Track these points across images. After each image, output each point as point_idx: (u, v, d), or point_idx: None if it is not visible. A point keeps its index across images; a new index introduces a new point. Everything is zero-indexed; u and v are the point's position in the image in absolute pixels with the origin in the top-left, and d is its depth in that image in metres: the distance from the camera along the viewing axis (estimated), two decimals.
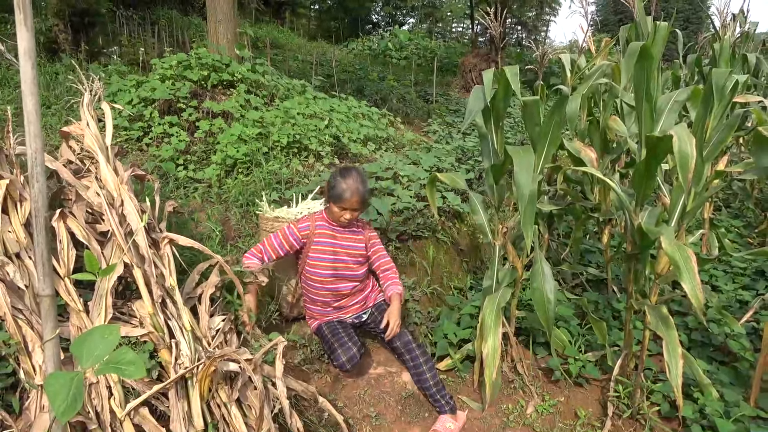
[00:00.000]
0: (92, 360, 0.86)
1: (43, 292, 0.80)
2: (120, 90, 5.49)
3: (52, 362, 0.84)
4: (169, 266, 2.23)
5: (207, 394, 1.99)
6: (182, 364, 2.01)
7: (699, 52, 6.03)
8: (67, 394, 0.81)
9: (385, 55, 16.26)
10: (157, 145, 4.86)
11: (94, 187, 2.19)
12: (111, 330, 0.91)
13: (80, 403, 0.81)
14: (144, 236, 2.13)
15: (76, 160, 2.47)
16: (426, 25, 24.71)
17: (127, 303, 2.14)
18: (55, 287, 1.98)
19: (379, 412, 2.65)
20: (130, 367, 0.85)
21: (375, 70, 12.67)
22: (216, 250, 2.79)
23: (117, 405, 1.83)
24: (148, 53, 7.30)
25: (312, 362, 2.89)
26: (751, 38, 6.13)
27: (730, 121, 2.52)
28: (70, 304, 1.95)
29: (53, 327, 0.82)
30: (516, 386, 2.83)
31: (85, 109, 2.48)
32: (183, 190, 4.23)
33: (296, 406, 2.37)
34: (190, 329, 2.09)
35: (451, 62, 15.66)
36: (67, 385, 0.81)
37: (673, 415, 2.54)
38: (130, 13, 12.13)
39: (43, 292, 0.80)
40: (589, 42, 3.96)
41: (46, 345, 0.83)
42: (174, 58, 5.81)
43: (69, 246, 2.00)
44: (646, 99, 2.35)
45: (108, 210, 2.11)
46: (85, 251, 1.30)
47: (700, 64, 5.27)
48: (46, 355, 0.84)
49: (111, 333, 0.90)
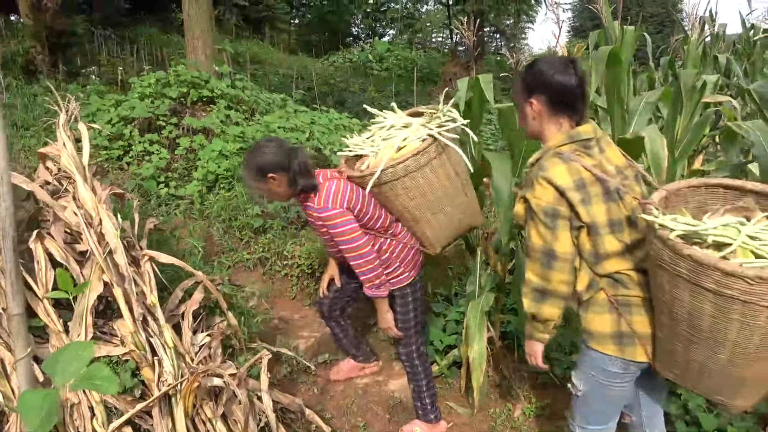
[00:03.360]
0: (66, 376, 0.86)
1: (13, 311, 0.81)
2: (99, 110, 5.48)
3: (25, 381, 0.84)
4: (149, 284, 2.22)
5: (191, 411, 1.98)
6: (165, 381, 2.00)
7: (672, 54, 6.17)
8: (40, 412, 0.81)
9: (366, 66, 16.37)
10: (138, 164, 4.85)
11: (72, 206, 2.19)
12: (85, 347, 0.91)
13: (54, 420, 0.82)
14: (123, 254, 2.13)
15: (54, 181, 2.46)
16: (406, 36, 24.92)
17: (108, 322, 2.12)
18: (33, 308, 1.97)
19: (367, 422, 2.65)
20: (104, 383, 0.86)
21: (356, 82, 12.74)
22: (198, 267, 2.79)
23: (100, 425, 1.82)
24: (127, 72, 7.28)
25: (299, 374, 2.88)
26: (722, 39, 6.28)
27: (700, 120, 2.58)
28: (49, 325, 1.94)
29: (24, 345, 0.82)
30: (503, 390, 2.84)
31: (61, 129, 2.47)
32: (165, 208, 4.22)
33: (283, 419, 2.36)
34: (172, 346, 2.08)
35: (431, 72, 15.81)
36: (40, 403, 0.81)
37: None
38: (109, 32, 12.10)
39: (13, 311, 0.81)
40: (563, 48, 4.03)
41: (18, 364, 0.83)
42: (153, 76, 5.81)
43: (47, 267, 1.99)
44: (617, 102, 2.41)
45: (86, 229, 2.10)
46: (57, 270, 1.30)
47: (673, 66, 5.38)
48: (18, 373, 0.84)
49: (85, 350, 0.90)
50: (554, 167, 1.61)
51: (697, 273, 1.34)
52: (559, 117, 1.68)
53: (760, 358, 1.39)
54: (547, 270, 1.64)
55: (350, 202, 2.20)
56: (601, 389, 1.72)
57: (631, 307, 1.63)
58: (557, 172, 1.60)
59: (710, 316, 1.38)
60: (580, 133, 1.65)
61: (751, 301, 1.29)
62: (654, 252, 1.46)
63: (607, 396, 1.74)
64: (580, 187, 1.59)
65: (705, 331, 1.42)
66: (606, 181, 1.60)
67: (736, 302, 1.32)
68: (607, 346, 1.65)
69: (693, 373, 1.55)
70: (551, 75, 1.64)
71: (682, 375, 1.59)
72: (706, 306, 1.36)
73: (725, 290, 1.31)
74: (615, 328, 1.65)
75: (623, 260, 1.63)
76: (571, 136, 1.65)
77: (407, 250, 2.41)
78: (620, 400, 1.78)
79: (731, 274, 1.28)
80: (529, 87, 1.70)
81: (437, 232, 2.40)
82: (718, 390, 1.54)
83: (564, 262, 1.63)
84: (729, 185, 1.62)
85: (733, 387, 1.50)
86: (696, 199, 1.61)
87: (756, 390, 1.52)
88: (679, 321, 1.48)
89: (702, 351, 1.47)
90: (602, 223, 1.61)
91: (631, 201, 1.62)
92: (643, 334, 1.62)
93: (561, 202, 1.60)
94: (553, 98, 1.66)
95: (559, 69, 1.64)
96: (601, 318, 1.66)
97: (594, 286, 1.67)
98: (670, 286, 1.45)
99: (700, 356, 1.48)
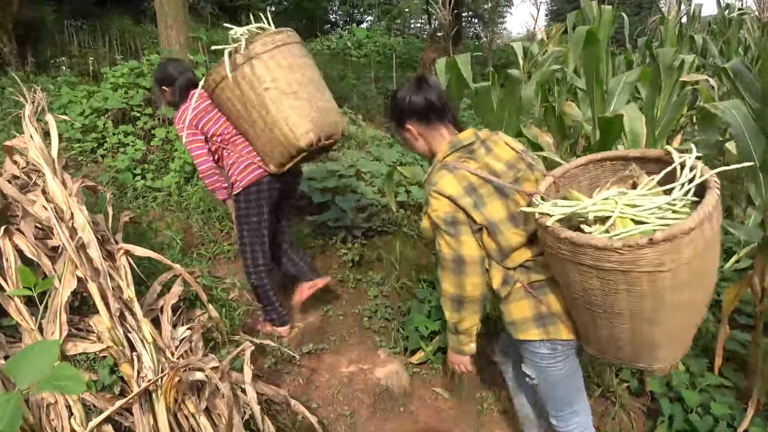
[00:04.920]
0: (30, 378, 0.82)
1: None
2: (71, 101, 5.32)
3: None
4: (126, 278, 2.17)
5: (173, 406, 1.94)
6: (145, 377, 1.96)
7: (649, 35, 6.18)
8: (3, 415, 0.77)
9: (345, 53, 16.19)
10: (112, 156, 4.74)
11: (41, 200, 2.11)
12: (50, 346, 0.87)
13: (18, 423, 0.77)
14: (97, 248, 2.07)
15: (22, 175, 2.38)
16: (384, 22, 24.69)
17: (84, 318, 2.06)
18: (4, 307, 1.90)
19: (354, 410, 2.64)
20: (69, 383, 0.82)
21: (335, 69, 12.61)
22: (177, 259, 2.73)
23: (78, 424, 1.77)
24: (99, 63, 7.09)
25: (283, 365, 2.85)
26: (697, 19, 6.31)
27: (679, 99, 2.58)
28: (21, 324, 1.88)
29: None
30: (490, 374, 2.84)
31: (27, 121, 2.38)
32: (142, 200, 4.13)
33: (268, 410, 2.33)
34: (151, 341, 2.04)
35: (410, 58, 15.68)
36: (3, 406, 0.77)
37: (641, 391, 2.59)
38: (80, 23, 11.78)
39: None
40: (541, 30, 4.01)
41: None
42: (125, 66, 5.66)
43: (16, 263, 1.92)
44: (596, 82, 2.39)
45: (57, 224, 2.03)
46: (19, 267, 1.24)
47: (650, 47, 5.36)
48: None
49: (50, 349, 0.86)
50: (442, 179, 1.71)
51: (576, 253, 1.40)
52: (437, 128, 1.82)
53: (658, 320, 1.44)
54: (459, 276, 1.72)
55: (195, 120, 2.77)
56: (545, 373, 1.80)
57: (546, 289, 1.72)
58: (445, 183, 1.70)
59: (600, 290, 1.44)
60: (461, 140, 1.77)
61: (628, 269, 1.34)
62: (541, 239, 1.54)
63: (554, 379, 1.81)
64: (470, 192, 1.70)
65: (601, 306, 1.48)
66: (492, 181, 1.71)
67: (616, 273, 1.37)
68: (531, 331, 1.74)
69: (608, 345, 1.61)
70: (409, 99, 1.79)
71: (601, 348, 1.65)
72: (594, 282, 1.43)
73: (604, 264, 1.36)
74: (535, 311, 1.73)
75: (529, 249, 1.72)
76: (454, 145, 1.77)
77: (244, 161, 2.80)
78: (569, 381, 1.84)
79: (603, 248, 1.34)
80: (398, 118, 1.85)
81: (265, 147, 2.70)
82: (636, 357, 1.59)
83: (473, 265, 1.71)
84: (613, 157, 1.68)
85: (648, 352, 1.55)
86: (587, 176, 1.65)
87: (671, 350, 1.57)
88: (578, 299, 1.54)
89: (606, 324, 1.52)
90: (501, 220, 1.70)
91: (523, 195, 1.70)
92: (559, 311, 1.71)
93: (457, 210, 1.69)
94: (421, 116, 1.80)
95: (413, 91, 1.80)
96: (520, 305, 1.75)
97: (509, 282, 1.75)
98: (561, 269, 1.52)
99: (606, 329, 1.54)
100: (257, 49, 2.54)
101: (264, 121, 2.61)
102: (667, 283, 1.35)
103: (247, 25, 2.69)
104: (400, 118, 1.85)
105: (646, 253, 1.30)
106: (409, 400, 2.73)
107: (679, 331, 1.52)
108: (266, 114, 2.58)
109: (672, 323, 1.46)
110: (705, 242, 1.35)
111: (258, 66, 2.53)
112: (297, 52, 2.68)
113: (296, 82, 2.60)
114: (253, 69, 2.53)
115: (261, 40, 2.56)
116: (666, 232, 1.28)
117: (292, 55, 2.63)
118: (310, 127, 2.59)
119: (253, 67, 2.53)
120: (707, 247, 1.37)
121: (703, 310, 1.59)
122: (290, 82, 2.57)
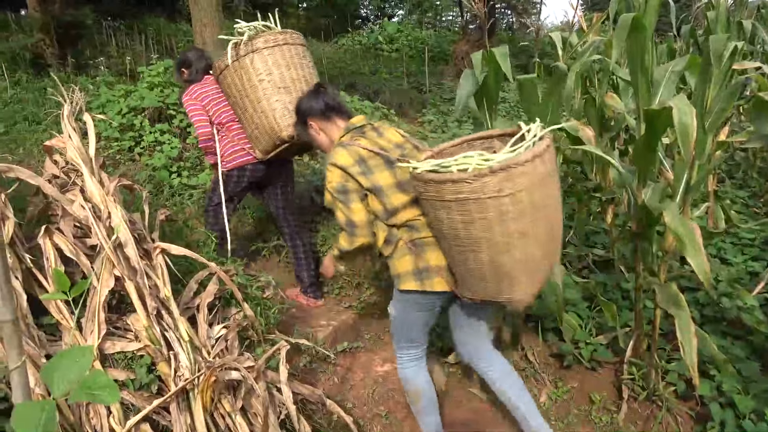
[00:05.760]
0: (64, 386, 0.80)
1: (2, 317, 0.74)
2: (109, 101, 5.43)
3: (20, 391, 0.78)
4: (162, 276, 2.17)
5: (210, 405, 1.94)
6: (182, 376, 1.96)
7: (693, 22, 5.93)
8: (37, 425, 0.75)
9: (376, 48, 16.14)
10: (149, 154, 4.81)
11: (79, 200, 2.13)
12: (83, 351, 0.85)
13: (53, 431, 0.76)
14: (134, 247, 2.07)
15: (62, 174, 2.41)
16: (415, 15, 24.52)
17: (122, 317, 2.08)
18: (45, 306, 1.93)
19: (389, 410, 2.60)
20: (103, 392, 0.80)
21: (366, 64, 12.58)
22: (212, 257, 2.73)
23: (117, 423, 1.78)
24: (136, 62, 7.23)
25: (318, 364, 2.83)
26: (745, 5, 6.03)
27: (730, 89, 2.43)
28: (62, 323, 1.90)
29: (18, 354, 0.76)
30: (528, 374, 2.77)
31: (66, 121, 2.41)
32: (178, 198, 4.17)
33: (304, 410, 2.32)
34: (188, 339, 2.04)
35: (442, 51, 15.54)
36: (37, 415, 0.76)
37: (690, 395, 2.48)
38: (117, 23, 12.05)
39: (2, 318, 0.74)
40: (581, 19, 3.88)
41: (12, 374, 0.77)
42: (161, 65, 5.75)
43: (57, 262, 1.94)
44: (642, 72, 2.28)
45: (95, 223, 2.05)
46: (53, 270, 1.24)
47: (695, 35, 5.16)
48: (13, 384, 0.78)
49: (83, 355, 0.84)
50: (337, 154, 2.08)
51: (439, 191, 1.73)
52: (333, 120, 2.25)
53: (511, 246, 1.73)
54: (352, 237, 2.08)
55: (201, 97, 3.12)
56: (406, 314, 2.15)
57: (425, 246, 2.02)
58: (339, 156, 2.06)
59: (461, 224, 1.75)
60: (354, 124, 2.20)
61: (478, 197, 1.66)
62: (416, 190, 1.86)
63: (410, 322, 2.16)
64: (360, 163, 2.05)
65: (464, 239, 1.78)
66: (380, 153, 2.07)
67: (470, 203, 1.69)
68: (410, 283, 2.03)
69: (477, 282, 1.88)
70: (310, 104, 2.28)
71: (472, 289, 1.92)
72: (456, 216, 1.75)
73: (460, 196, 1.69)
74: (415, 266, 2.03)
75: (411, 210, 2.03)
76: (348, 128, 2.19)
77: (234, 146, 3.15)
78: (422, 326, 2.18)
79: (458, 180, 1.67)
80: (302, 118, 2.31)
81: (254, 134, 3.01)
82: (499, 290, 1.84)
83: (362, 227, 2.06)
84: (483, 136, 2.00)
85: (508, 284, 1.81)
86: (461, 153, 1.81)
87: (526, 283, 1.82)
88: (449, 239, 1.84)
89: (471, 258, 1.81)
90: (388, 185, 2.04)
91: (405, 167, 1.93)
92: (438, 266, 2.00)
93: (347, 180, 2.04)
94: (318, 114, 2.26)
95: (312, 97, 2.29)
96: (403, 260, 2.05)
97: (392, 240, 2.06)
98: (433, 210, 1.83)
99: (471, 263, 1.83)
100: (259, 44, 2.83)
101: (254, 110, 2.91)
102: (510, 208, 1.66)
103: (254, 22, 3.00)
104: (304, 118, 2.29)
105: (489, 180, 1.63)
106: (444, 399, 2.68)
107: (530, 264, 1.78)
108: (257, 103, 2.88)
109: (522, 254, 1.74)
110: (538, 176, 1.67)
111: (257, 60, 2.84)
112: (296, 53, 2.96)
113: (290, 79, 2.89)
114: (252, 62, 2.84)
115: (264, 37, 2.85)
116: (503, 163, 1.63)
117: (291, 55, 2.92)
118: (293, 121, 2.76)
119: (253, 60, 2.84)
120: (541, 181, 1.69)
121: (552, 252, 1.88)
122: (284, 79, 2.85)
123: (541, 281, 1.89)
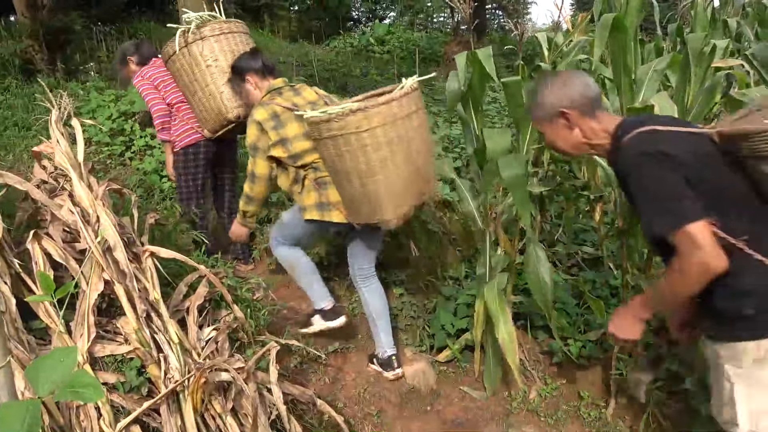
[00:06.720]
0: (49, 385, 0.82)
1: None
2: (99, 106, 5.43)
3: (5, 391, 0.79)
4: (152, 280, 2.18)
5: (200, 407, 1.95)
6: (172, 378, 1.97)
7: (679, 21, 5.98)
8: (21, 424, 0.76)
9: (367, 50, 16.15)
10: (140, 159, 4.81)
11: (68, 204, 2.14)
12: (68, 352, 0.86)
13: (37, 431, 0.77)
14: (123, 251, 2.08)
15: (51, 179, 2.42)
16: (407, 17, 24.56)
17: (111, 320, 2.09)
18: (34, 310, 1.94)
19: (380, 410, 2.62)
20: (88, 390, 0.81)
21: (358, 66, 12.60)
22: (202, 260, 2.74)
23: (107, 425, 1.79)
24: None
25: (309, 364, 2.85)
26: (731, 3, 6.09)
27: (710, 85, 2.47)
28: (51, 326, 1.90)
29: (3, 354, 0.78)
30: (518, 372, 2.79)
31: (53, 126, 2.42)
32: (169, 202, 4.17)
33: (294, 410, 2.33)
34: (177, 342, 2.05)
35: (434, 52, 15.56)
36: (21, 415, 0.77)
37: (678, 390, 2.51)
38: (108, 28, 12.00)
39: None
40: (566, 19, 3.90)
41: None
42: None
43: (46, 267, 1.95)
44: (624, 71, 2.32)
45: (83, 227, 2.06)
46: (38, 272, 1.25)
47: (681, 33, 5.20)
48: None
49: (68, 355, 0.86)
50: (256, 111, 2.54)
51: (321, 131, 2.20)
52: (267, 79, 2.69)
53: (374, 172, 2.17)
54: (252, 185, 2.63)
55: (152, 79, 3.41)
56: (297, 221, 2.64)
57: (326, 184, 2.50)
58: (257, 113, 2.53)
59: (337, 156, 2.22)
60: (273, 84, 2.67)
61: (343, 133, 2.13)
62: (310, 132, 2.31)
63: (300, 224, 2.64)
64: (274, 117, 2.51)
65: (341, 170, 2.25)
66: (291, 108, 2.52)
67: (338, 138, 2.16)
68: (313, 213, 2.54)
69: (359, 209, 2.34)
70: (249, 62, 2.71)
71: (355, 215, 2.41)
72: (332, 150, 2.21)
73: (331, 132, 2.16)
74: (317, 200, 2.53)
75: (312, 154, 2.49)
76: (268, 89, 2.65)
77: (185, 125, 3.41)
78: (308, 233, 2.74)
79: (329, 120, 2.13)
80: (239, 73, 2.73)
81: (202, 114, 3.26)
82: (373, 212, 2.29)
83: (261, 179, 2.61)
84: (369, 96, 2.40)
85: (378, 204, 2.25)
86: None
87: (395, 205, 2.26)
88: (332, 172, 2.36)
89: (347, 186, 2.28)
90: (295, 136, 2.50)
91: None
92: (337, 201, 2.47)
93: (260, 137, 2.52)
94: (256, 71, 2.68)
95: (251, 57, 2.76)
96: (309, 195, 2.55)
97: (299, 179, 2.56)
98: (321, 148, 2.29)
99: (349, 191, 2.29)
100: (206, 32, 3.05)
101: (203, 93, 3.13)
102: (368, 141, 2.12)
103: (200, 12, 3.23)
104: (242, 72, 2.70)
105: (351, 118, 2.09)
106: (436, 398, 2.70)
107: (394, 188, 2.21)
108: (206, 87, 3.10)
109: (386, 179, 2.18)
110: (393, 115, 2.13)
111: (205, 46, 3.05)
112: (241, 41, 3.18)
113: None
114: (200, 48, 3.06)
115: (210, 26, 3.06)
116: (360, 104, 2.11)
117: (236, 43, 3.13)
118: (239, 103, 3.09)
119: (201, 47, 3.05)
120: (397, 120, 2.14)
121: (415, 180, 2.29)
122: (230, 64, 2.96)
123: (408, 204, 2.32)
